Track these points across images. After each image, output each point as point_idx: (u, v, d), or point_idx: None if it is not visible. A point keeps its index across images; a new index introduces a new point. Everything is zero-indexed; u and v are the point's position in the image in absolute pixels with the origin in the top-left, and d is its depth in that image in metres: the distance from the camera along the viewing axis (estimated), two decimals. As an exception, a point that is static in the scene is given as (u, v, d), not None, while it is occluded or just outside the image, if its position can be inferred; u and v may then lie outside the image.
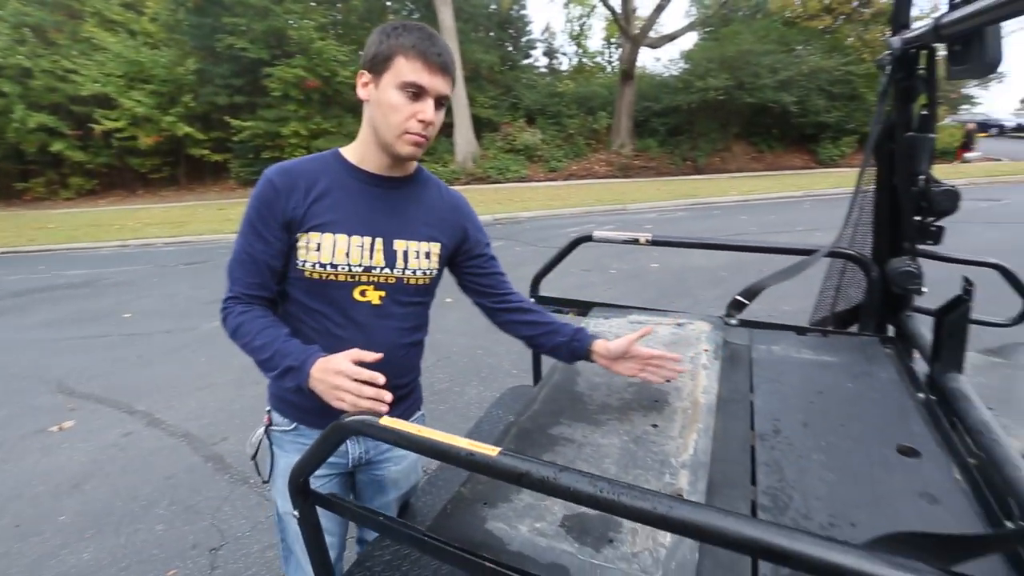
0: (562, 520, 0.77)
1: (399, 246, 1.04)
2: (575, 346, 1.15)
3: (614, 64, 22.01)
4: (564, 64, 22.69)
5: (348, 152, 1.05)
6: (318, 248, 0.99)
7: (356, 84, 1.01)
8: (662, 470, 0.87)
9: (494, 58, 17.79)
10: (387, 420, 0.68)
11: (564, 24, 24.52)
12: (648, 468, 0.88)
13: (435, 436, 0.64)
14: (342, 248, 0.99)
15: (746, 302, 1.37)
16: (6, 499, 2.44)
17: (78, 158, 15.04)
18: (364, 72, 0.99)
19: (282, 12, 14.07)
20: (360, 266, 1.01)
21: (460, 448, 0.62)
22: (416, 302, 1.10)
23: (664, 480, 0.85)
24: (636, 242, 1.59)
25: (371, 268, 1.02)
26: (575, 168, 15.33)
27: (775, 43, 14.81)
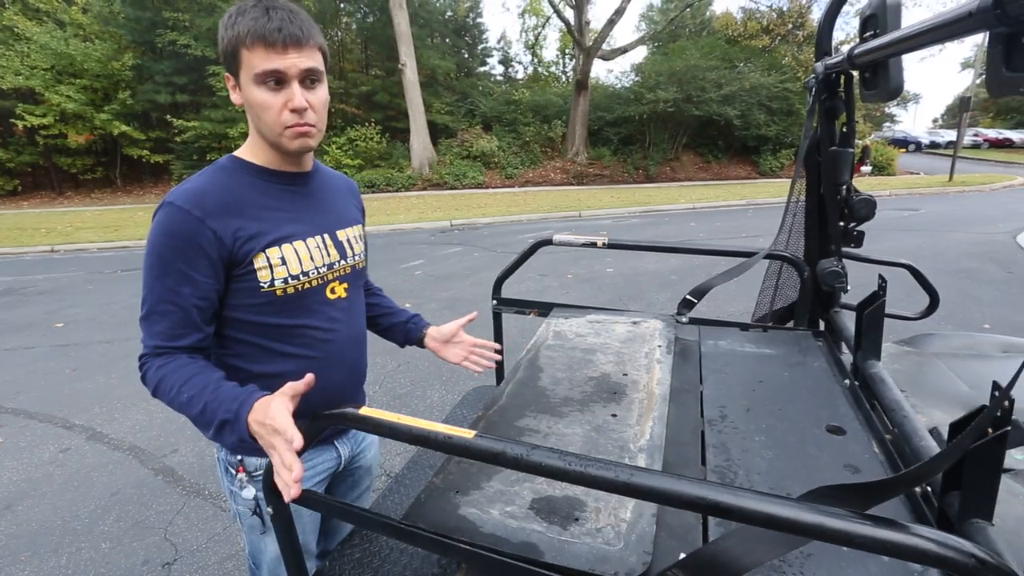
0: (531, 503, 0.82)
1: (341, 236, 1.04)
2: (410, 328, 1.26)
3: (568, 74, 22.55)
4: (520, 73, 23.07)
5: (249, 156, 0.95)
6: (283, 262, 0.92)
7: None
8: (622, 454, 0.94)
9: (450, 64, 17.83)
10: (367, 410, 0.71)
11: (520, 34, 24.88)
12: (609, 453, 0.95)
13: (414, 423, 0.68)
14: (305, 254, 0.96)
15: (695, 301, 1.48)
16: (-76, 524, 2.25)
17: (-3, 156, 13.93)
18: (227, 75, 0.90)
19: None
20: (325, 265, 1.00)
21: (438, 432, 0.66)
22: (360, 284, 1.14)
23: (624, 463, 0.92)
24: (595, 245, 1.67)
25: (333, 264, 1.01)
26: (531, 175, 15.56)
27: (719, 59, 15.62)
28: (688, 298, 1.49)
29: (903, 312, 1.45)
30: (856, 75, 1.19)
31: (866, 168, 15.77)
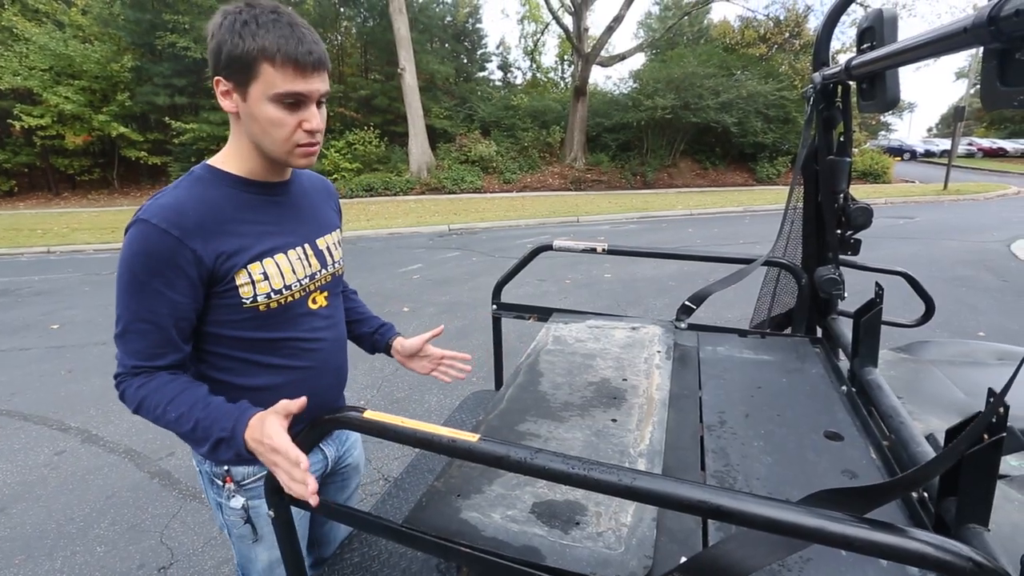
0: (532, 507, 0.82)
1: (321, 244, 1.03)
2: (376, 339, 1.25)
3: (567, 80, 22.66)
4: (519, 78, 23.16)
5: (227, 165, 0.92)
6: (265, 277, 0.90)
7: (215, 92, 0.86)
8: (622, 459, 0.95)
9: (449, 69, 17.90)
10: (370, 413, 0.72)
11: (519, 40, 24.97)
12: (609, 457, 0.95)
13: (418, 426, 0.69)
14: (287, 267, 0.94)
15: (694, 307, 1.49)
16: (-83, 527, 2.23)
17: (-7, 157, 13.89)
18: (221, 79, 0.84)
19: (229, 13, 13.61)
20: (307, 276, 0.98)
21: (442, 436, 0.67)
22: (339, 290, 1.13)
23: (626, 467, 0.93)
24: (594, 251, 1.68)
25: (315, 275, 1.00)
26: (529, 180, 15.60)
27: (716, 67, 15.73)
28: (687, 304, 1.50)
29: (900, 319, 1.47)
30: (853, 85, 1.21)
31: None
